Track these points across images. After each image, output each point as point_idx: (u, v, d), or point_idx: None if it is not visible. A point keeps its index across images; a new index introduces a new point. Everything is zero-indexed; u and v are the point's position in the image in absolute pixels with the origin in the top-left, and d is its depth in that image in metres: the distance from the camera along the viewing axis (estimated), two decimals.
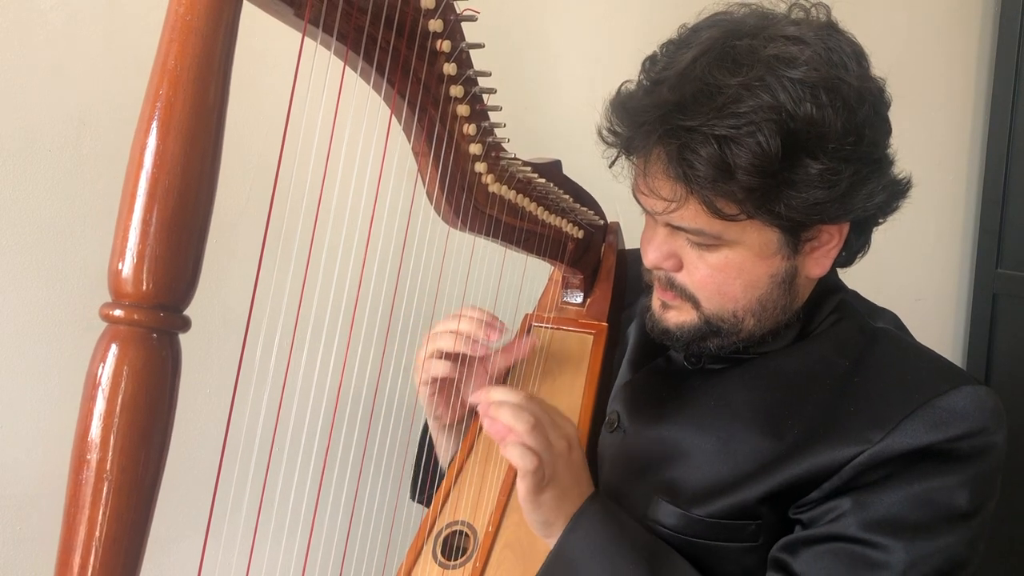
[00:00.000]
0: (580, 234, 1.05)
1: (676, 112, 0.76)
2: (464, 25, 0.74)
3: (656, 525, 0.86)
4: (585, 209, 1.02)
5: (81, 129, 1.13)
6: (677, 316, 0.88)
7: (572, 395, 1.00)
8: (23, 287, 1.12)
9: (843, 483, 0.80)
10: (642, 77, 0.85)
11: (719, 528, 0.84)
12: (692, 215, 0.80)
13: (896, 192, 0.84)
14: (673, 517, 0.85)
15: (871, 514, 0.78)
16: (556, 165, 0.96)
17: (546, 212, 0.96)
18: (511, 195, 0.89)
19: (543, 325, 1.08)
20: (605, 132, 0.85)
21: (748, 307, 0.85)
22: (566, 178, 0.98)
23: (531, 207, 0.93)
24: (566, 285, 1.11)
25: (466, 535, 0.92)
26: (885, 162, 0.82)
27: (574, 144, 1.01)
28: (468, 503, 0.93)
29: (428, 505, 0.98)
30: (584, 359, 1.03)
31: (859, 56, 0.81)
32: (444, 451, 1.02)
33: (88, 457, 0.49)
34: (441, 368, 0.93)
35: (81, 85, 1.12)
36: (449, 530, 0.92)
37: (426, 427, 1.06)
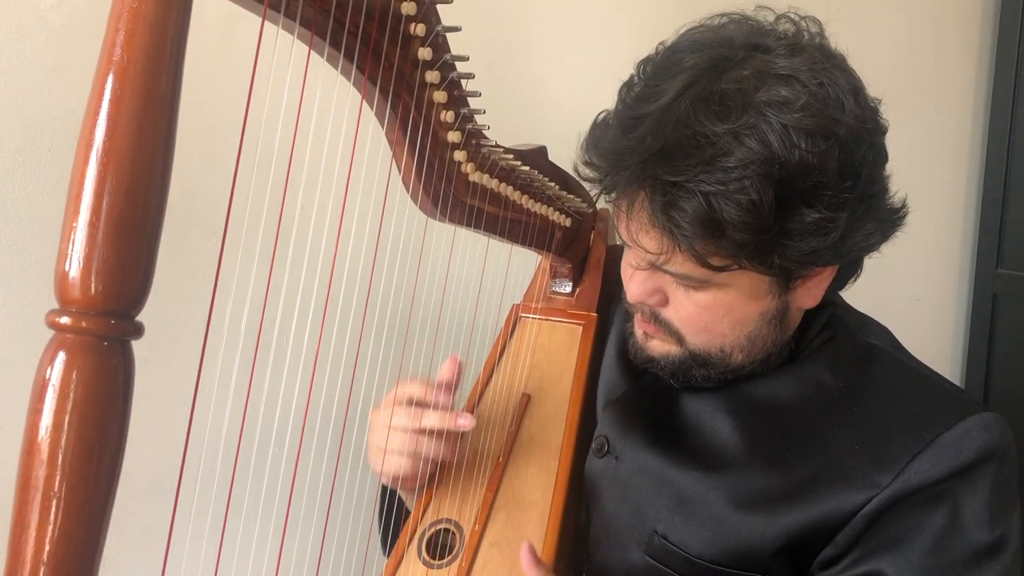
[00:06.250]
0: (567, 222, 1.02)
1: (660, 162, 0.70)
2: (443, 9, 0.70)
3: (658, 565, 0.83)
4: (572, 196, 0.99)
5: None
6: (661, 346, 0.85)
7: (561, 387, 0.98)
8: (23, 287, 1.09)
9: (856, 535, 0.77)
10: (619, 107, 0.78)
11: None
12: (679, 263, 0.75)
13: (891, 224, 0.79)
14: (676, 559, 0.82)
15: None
16: (541, 152, 0.93)
17: (531, 200, 0.93)
18: (493, 184, 0.86)
19: (531, 316, 1.05)
20: (582, 167, 0.79)
21: (736, 343, 0.81)
22: (552, 164, 0.94)
23: (515, 195, 0.90)
24: (554, 274, 1.08)
25: (452, 533, 0.89)
26: (881, 195, 0.78)
27: (571, 137, 0.98)
28: (454, 501, 0.91)
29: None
30: (574, 350, 1.01)
31: (856, 91, 0.74)
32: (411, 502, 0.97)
33: (35, 474, 0.47)
34: (403, 466, 0.87)
35: (81, 85, 1.09)
36: (435, 528, 0.90)
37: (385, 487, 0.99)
